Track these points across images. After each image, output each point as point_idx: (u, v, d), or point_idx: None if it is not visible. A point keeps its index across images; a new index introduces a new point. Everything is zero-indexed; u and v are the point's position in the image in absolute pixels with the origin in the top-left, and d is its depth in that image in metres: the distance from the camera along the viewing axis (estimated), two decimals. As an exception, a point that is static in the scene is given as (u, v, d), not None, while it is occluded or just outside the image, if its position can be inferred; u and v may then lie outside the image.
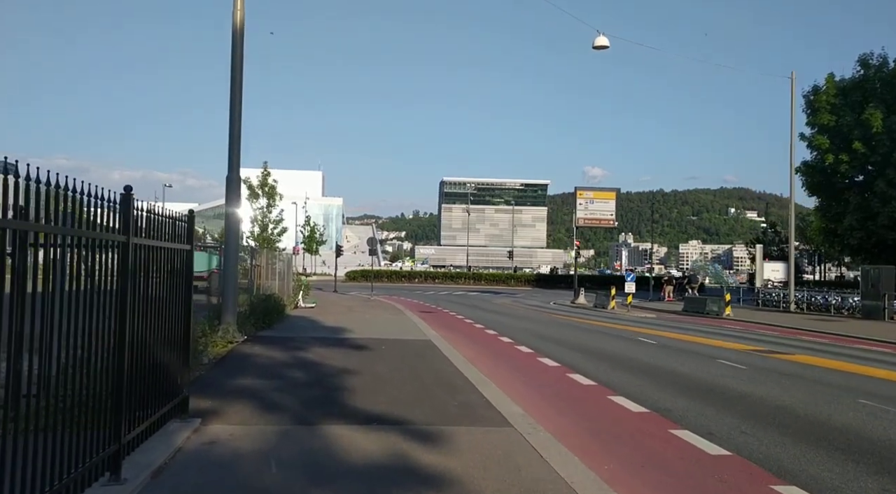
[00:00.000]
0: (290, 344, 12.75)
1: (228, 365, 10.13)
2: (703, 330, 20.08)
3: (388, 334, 15.35)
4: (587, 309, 31.57)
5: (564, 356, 12.95)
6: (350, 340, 13.81)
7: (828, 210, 33.65)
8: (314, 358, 11.00)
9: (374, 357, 11.44)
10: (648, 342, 15.94)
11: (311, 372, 9.71)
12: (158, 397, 5.85)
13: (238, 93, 12.69)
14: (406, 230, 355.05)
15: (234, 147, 12.75)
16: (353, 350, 12.31)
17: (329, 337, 14.20)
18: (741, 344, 15.98)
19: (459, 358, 11.72)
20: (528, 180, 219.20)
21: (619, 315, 27.11)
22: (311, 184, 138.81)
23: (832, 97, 32.12)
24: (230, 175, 12.83)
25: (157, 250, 5.65)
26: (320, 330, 15.84)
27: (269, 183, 30.88)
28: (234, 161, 12.81)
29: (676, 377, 10.77)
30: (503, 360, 12.38)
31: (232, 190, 12.79)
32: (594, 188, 37.61)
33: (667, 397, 8.99)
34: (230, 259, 12.88)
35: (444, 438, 6.19)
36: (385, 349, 12.55)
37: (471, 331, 18.03)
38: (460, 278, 65.66)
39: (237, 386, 8.36)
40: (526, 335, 17.01)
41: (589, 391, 9.44)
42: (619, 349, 14.30)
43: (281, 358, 11.02)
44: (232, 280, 12.81)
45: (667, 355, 13.40)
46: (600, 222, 37.47)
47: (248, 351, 11.60)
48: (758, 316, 27.06)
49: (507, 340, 15.66)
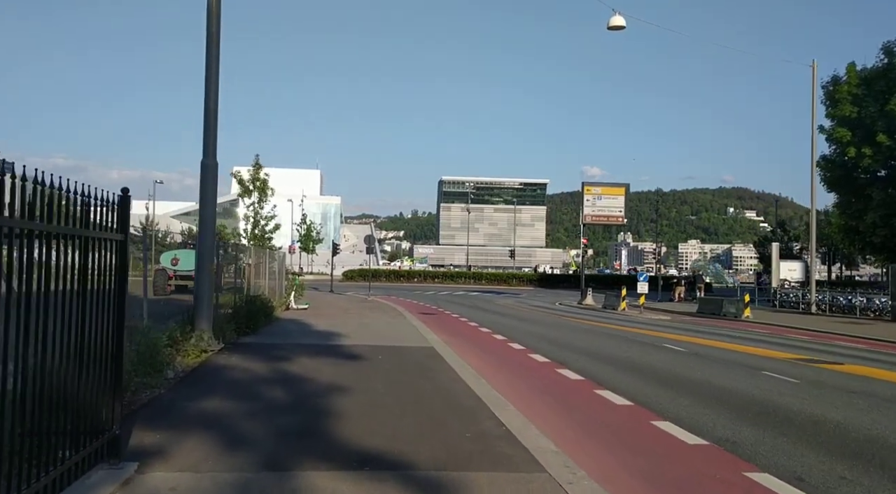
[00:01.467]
0: (273, 354, 11.17)
1: (195, 381, 8.56)
2: (728, 335, 18.52)
3: (386, 340, 13.79)
4: (596, 310, 30.01)
5: (586, 366, 11.38)
6: (343, 348, 12.24)
7: (848, 206, 31.99)
8: (299, 372, 9.43)
9: (370, 369, 9.87)
10: (676, 349, 14.36)
11: (294, 389, 8.13)
12: (72, 438, 4.30)
13: (214, 65, 11.09)
14: (405, 229, 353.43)
15: (210, 127, 11.16)
16: (346, 360, 10.74)
17: (319, 345, 12.63)
18: (779, 352, 14.42)
19: (468, 370, 10.16)
20: (526, 179, 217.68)
21: (631, 317, 25.56)
22: (309, 183, 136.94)
23: (854, 87, 30.49)
24: (205, 161, 11.24)
25: (66, 240, 4.11)
26: (310, 336, 14.28)
27: (260, 177, 29.27)
28: (209, 144, 11.22)
29: (724, 394, 9.20)
30: (518, 372, 10.81)
31: (207, 178, 11.20)
32: (602, 183, 35.95)
33: (724, 422, 7.42)
34: (204, 256, 11.29)
35: (459, 490, 4.63)
36: (382, 359, 10.98)
37: (477, 336, 16.46)
38: (460, 278, 64.08)
39: (199, 412, 6.78)
40: (537, 340, 15.45)
41: (627, 414, 7.87)
42: (646, 358, 12.73)
43: (260, 371, 9.44)
44: (206, 280, 11.23)
45: (702, 365, 11.82)
46: (608, 219, 35.83)
47: (223, 363, 10.02)
48: (778, 318, 25.52)
49: (518, 347, 14.09)
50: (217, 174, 11.37)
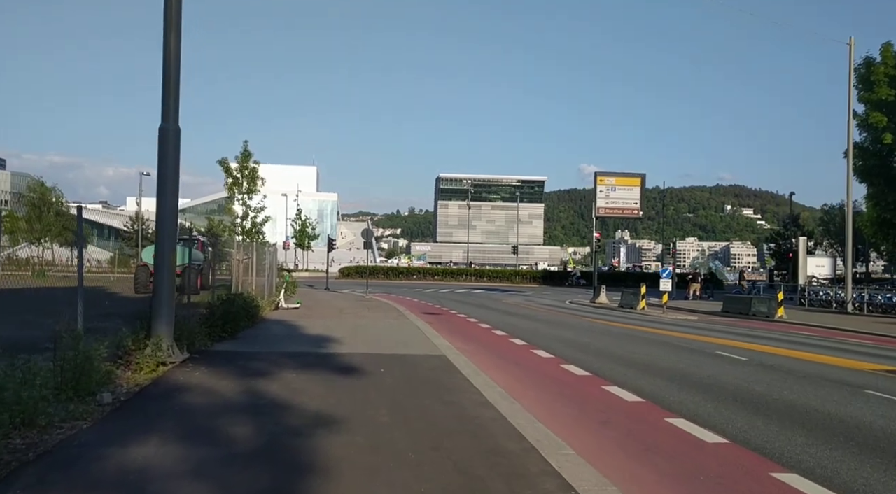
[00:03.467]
0: (249, 366, 8.97)
1: (136, 410, 6.36)
2: (774, 338, 16.31)
3: (388, 346, 11.60)
4: (612, 309, 27.82)
5: (637, 382, 9.20)
6: (337, 357, 10.05)
7: (882, 198, 29.73)
8: (279, 394, 7.23)
9: (371, 388, 7.67)
10: (733, 357, 12.05)
11: (268, 424, 5.94)
12: None
13: (174, 8, 8.85)
14: (402, 227, 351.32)
15: (170, 84, 8.94)
16: (340, 375, 8.55)
17: (308, 353, 10.43)
18: (855, 361, 12.20)
19: (494, 388, 7.98)
20: (524, 176, 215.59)
21: (654, 316, 23.37)
22: (306, 180, 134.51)
23: (891, 68, 28.32)
24: (165, 125, 9.01)
25: None
26: (299, 342, 12.08)
27: (249, 165, 27.01)
28: (169, 105, 8.99)
29: (844, 428, 6.96)
30: (557, 391, 8.60)
31: (167, 146, 8.97)
32: (616, 173, 33.66)
33: (863, 469, 5.25)
34: (164, 245, 9.06)
35: None
36: (385, 373, 8.79)
37: (492, 341, 14.26)
38: (461, 275, 61.73)
39: (118, 469, 4.57)
40: (564, 346, 13.26)
41: (729, 460, 5.67)
42: (704, 369, 10.48)
43: (226, 393, 7.24)
44: (165, 275, 9.00)
45: (781, 381, 9.54)
46: (623, 212, 33.54)
47: (182, 381, 7.81)
48: (815, 318, 23.36)
49: (546, 355, 11.87)
50: (179, 142, 9.13)
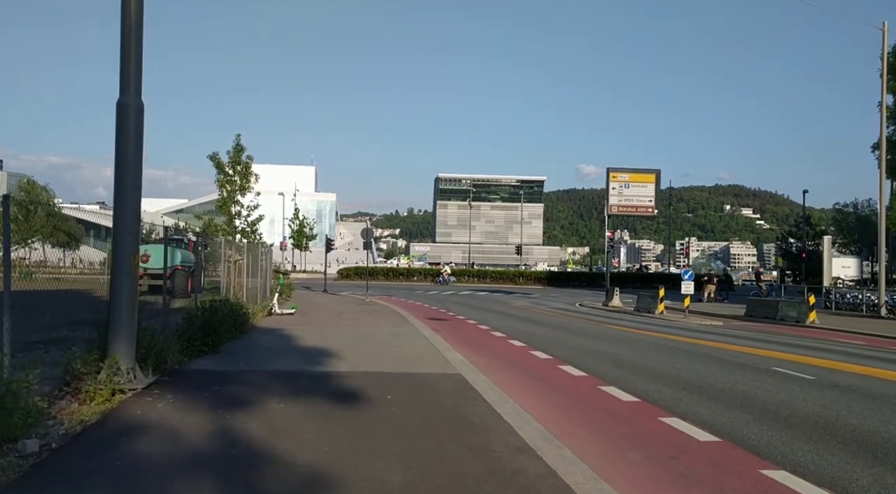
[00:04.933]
0: (228, 392, 7.36)
1: (63, 467, 4.74)
2: (827, 349, 14.55)
3: (395, 362, 9.99)
4: (627, 313, 26.19)
5: (699, 410, 7.59)
6: (334, 379, 8.44)
7: (914, 195, 28.20)
8: (258, 436, 5.62)
9: (376, 427, 6.06)
10: (798, 376, 10.09)
11: (239, 486, 4.33)
12: None
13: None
14: (400, 227, 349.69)
15: (129, 50, 7.33)
16: (338, 405, 6.94)
17: (301, 373, 8.81)
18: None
19: (530, 423, 6.40)
20: (523, 176, 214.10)
21: (675, 322, 21.76)
22: (304, 180, 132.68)
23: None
24: (123, 100, 7.40)
25: None
26: (291, 357, 10.47)
27: (242, 160, 25.36)
28: (129, 76, 7.38)
29: None
30: (609, 428, 6.95)
31: (127, 124, 7.35)
32: (629, 169, 32.01)
33: None
34: (122, 244, 7.43)
35: None
36: (392, 401, 7.19)
37: (511, 353, 12.63)
38: (463, 276, 60.04)
39: None
40: (597, 361, 11.64)
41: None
42: (771, 393, 8.71)
43: (192, 435, 5.63)
44: (125, 280, 7.37)
45: (876, 411, 7.90)
46: (637, 209, 31.87)
47: (139, 416, 6.20)
48: (849, 323, 21.74)
49: (577, 372, 10.23)
50: (142, 120, 7.51)
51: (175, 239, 24.18)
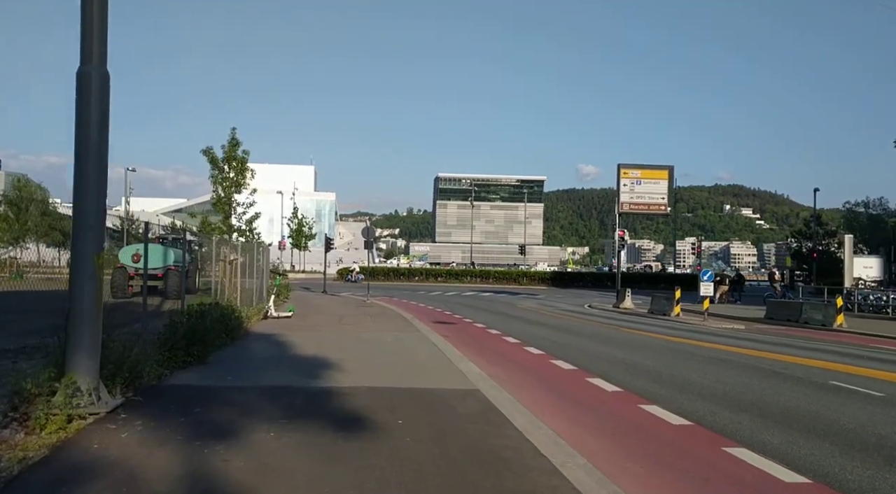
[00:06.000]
0: (209, 418, 6.20)
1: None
2: (871, 357, 13.19)
3: (403, 375, 8.83)
4: (641, 315, 25.04)
5: (769, 438, 6.44)
6: (335, 397, 7.27)
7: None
8: (242, 479, 4.47)
9: (386, 466, 4.89)
10: (864, 392, 8.74)
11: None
12: None
13: None
14: (400, 227, 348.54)
15: (90, 13, 6.16)
16: (339, 435, 5.77)
17: (296, 390, 7.64)
18: None
19: (575, 457, 5.26)
20: (523, 176, 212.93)
21: (696, 325, 20.57)
22: (303, 179, 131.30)
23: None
24: (84, 69, 6.23)
25: None
26: (286, 369, 9.29)
27: (237, 155, 24.18)
28: (92, 42, 6.22)
29: None
30: (671, 462, 5.77)
31: (89, 99, 6.19)
32: (642, 165, 30.75)
33: None
34: (84, 241, 6.26)
35: None
36: (405, 427, 6.04)
37: (531, 364, 11.44)
38: (465, 276, 58.75)
39: None
40: (625, 372, 10.47)
41: None
42: (839, 414, 7.44)
43: (159, 479, 4.47)
44: (87, 287, 6.21)
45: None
46: (649, 208, 30.60)
47: (96, 451, 5.04)
48: (879, 326, 20.55)
49: (611, 387, 9.04)
50: (108, 93, 6.35)
51: (169, 238, 23.08)
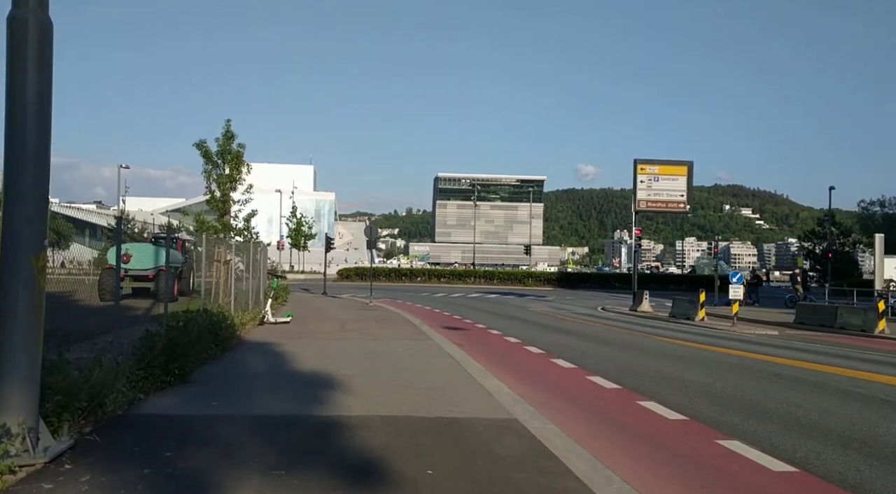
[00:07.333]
0: (184, 465, 4.74)
1: None
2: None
3: (421, 398, 7.36)
4: (662, 319, 23.57)
5: (889, 486, 5.01)
6: (344, 432, 5.82)
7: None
8: None
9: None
10: None
11: None
12: None
13: None
14: (399, 227, 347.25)
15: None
16: (352, 492, 4.32)
17: (296, 420, 6.19)
18: None
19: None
20: (523, 176, 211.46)
21: (725, 331, 19.10)
22: (302, 179, 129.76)
23: None
24: (18, 12, 4.79)
25: None
26: (282, 389, 7.83)
27: (231, 149, 22.64)
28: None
29: None
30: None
31: (24, 51, 4.76)
32: (660, 161, 29.26)
33: None
34: (18, 234, 4.81)
35: None
36: (435, 478, 4.60)
37: (566, 381, 9.95)
38: (469, 277, 57.25)
39: None
40: (680, 391, 9.01)
41: None
42: None
43: None
44: (23, 294, 4.76)
45: None
46: (668, 205, 29.06)
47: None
48: (922, 333, 19.09)
49: (673, 415, 7.54)
50: (51, 43, 4.91)
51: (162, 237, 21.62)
